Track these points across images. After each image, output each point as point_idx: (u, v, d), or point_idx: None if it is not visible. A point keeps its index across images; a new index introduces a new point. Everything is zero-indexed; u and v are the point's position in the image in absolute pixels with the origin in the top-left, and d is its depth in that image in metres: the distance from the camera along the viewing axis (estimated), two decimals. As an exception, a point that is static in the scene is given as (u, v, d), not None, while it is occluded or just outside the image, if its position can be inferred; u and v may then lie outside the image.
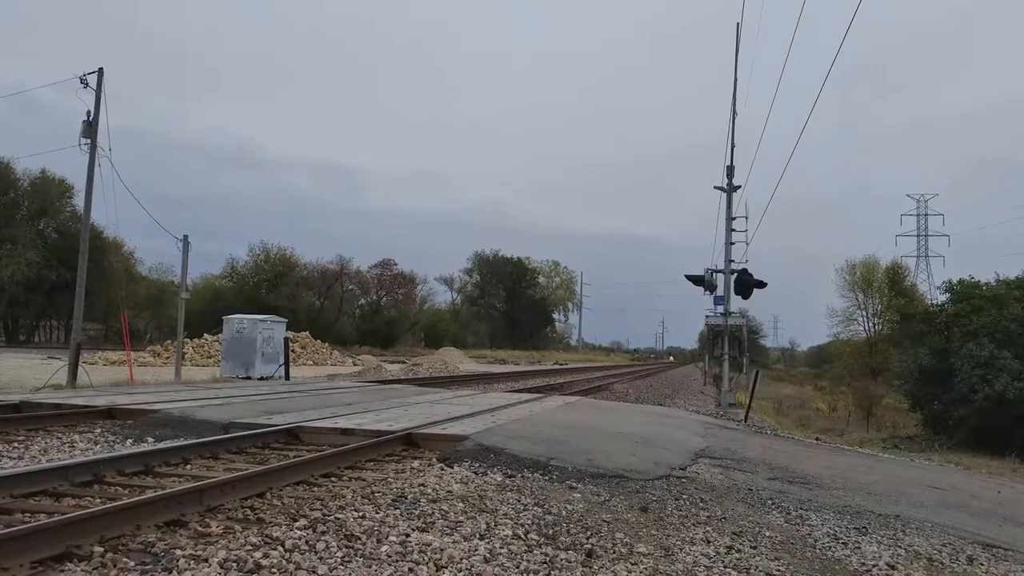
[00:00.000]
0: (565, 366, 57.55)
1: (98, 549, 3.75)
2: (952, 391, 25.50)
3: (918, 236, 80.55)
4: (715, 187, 23.93)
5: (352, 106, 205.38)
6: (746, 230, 23.36)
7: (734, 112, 23.36)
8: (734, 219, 23.31)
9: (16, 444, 7.30)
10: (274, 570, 3.66)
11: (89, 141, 19.93)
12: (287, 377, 20.64)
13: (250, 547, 3.95)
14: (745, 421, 18.16)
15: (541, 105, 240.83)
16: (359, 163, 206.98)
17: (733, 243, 23.22)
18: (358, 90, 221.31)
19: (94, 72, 20.19)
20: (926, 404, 28.25)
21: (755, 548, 5.12)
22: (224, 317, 24.19)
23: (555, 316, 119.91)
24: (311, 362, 40.81)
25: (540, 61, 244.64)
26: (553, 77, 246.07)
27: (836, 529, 6.03)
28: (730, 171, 23.41)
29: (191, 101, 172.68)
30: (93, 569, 3.55)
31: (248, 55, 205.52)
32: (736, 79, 23.52)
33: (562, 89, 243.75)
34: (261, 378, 21.49)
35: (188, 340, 35.75)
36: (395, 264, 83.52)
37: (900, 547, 5.69)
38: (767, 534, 5.57)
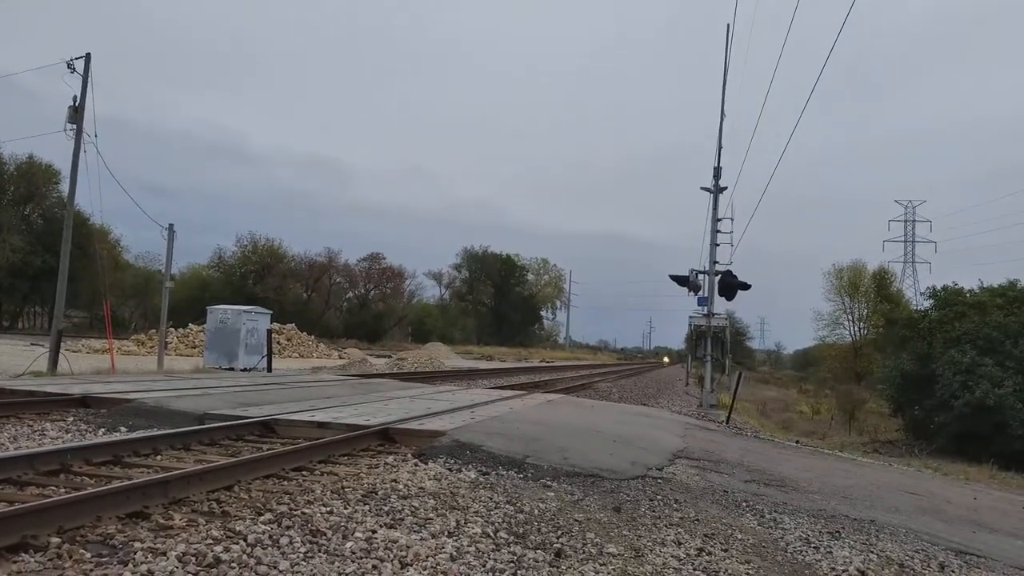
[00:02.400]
0: (551, 364, 57.61)
1: (55, 540, 3.68)
2: (933, 397, 25.65)
3: (905, 242, 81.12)
4: (702, 188, 23.97)
5: (339, 100, 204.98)
6: (731, 232, 23.43)
7: (722, 114, 23.40)
8: (720, 220, 23.35)
9: (-15, 431, 7.19)
10: (234, 564, 3.60)
11: (75, 127, 19.76)
12: (269, 369, 20.53)
13: (211, 541, 3.88)
14: (727, 423, 18.19)
15: (529, 103, 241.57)
16: (347, 158, 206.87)
17: (718, 244, 23.26)
18: (345, 84, 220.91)
19: (81, 57, 20.03)
20: (907, 409, 28.44)
21: (726, 551, 5.11)
22: (208, 307, 24.08)
23: (543, 314, 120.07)
24: (297, 354, 40.63)
25: (529, 58, 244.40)
26: (542, 74, 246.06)
27: (809, 533, 6.02)
28: (717, 172, 23.45)
29: (177, 91, 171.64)
30: (48, 560, 3.47)
31: (234, 46, 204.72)
32: (725, 81, 23.57)
33: (550, 86, 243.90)
34: (244, 369, 21.38)
35: (173, 329, 35.53)
36: (384, 258, 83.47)
37: (872, 552, 5.69)
38: (739, 537, 5.56)
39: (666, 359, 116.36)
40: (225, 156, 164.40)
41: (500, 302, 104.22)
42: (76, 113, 19.66)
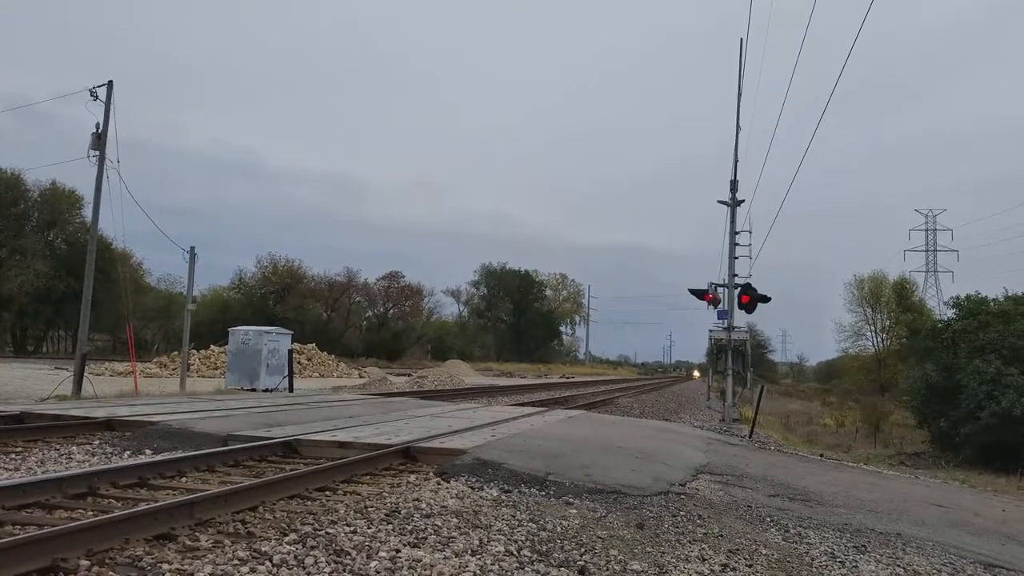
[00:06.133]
0: (571, 379, 57.46)
1: (84, 562, 3.74)
2: (959, 408, 25.26)
3: (926, 251, 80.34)
4: (719, 201, 23.92)
5: (352, 118, 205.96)
6: (750, 244, 23.34)
7: (738, 127, 23.38)
8: (738, 233, 23.28)
9: (14, 455, 7.30)
10: (260, 585, 3.64)
11: (98, 154, 20.09)
12: (291, 389, 20.64)
13: (237, 561, 3.93)
14: (750, 437, 18.03)
15: (544, 116, 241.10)
16: (361, 174, 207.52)
17: (737, 257, 23.18)
18: (358, 101, 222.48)
19: (104, 85, 20.40)
20: (933, 421, 27.99)
21: (750, 566, 5.07)
22: (230, 329, 24.32)
23: (562, 329, 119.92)
24: (317, 374, 40.81)
25: (543, 69, 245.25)
26: (557, 86, 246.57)
27: (834, 547, 5.97)
28: (734, 185, 23.40)
29: (191, 112, 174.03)
30: (78, 583, 3.54)
31: (247, 66, 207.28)
32: (740, 95, 23.53)
33: (566, 99, 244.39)
34: (265, 390, 21.52)
35: (195, 351, 35.85)
36: (402, 276, 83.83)
37: (899, 566, 5.63)
38: (764, 552, 5.52)
39: (696, 373, 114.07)
40: (239, 175, 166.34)
41: (519, 318, 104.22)
42: (99, 140, 19.96)
